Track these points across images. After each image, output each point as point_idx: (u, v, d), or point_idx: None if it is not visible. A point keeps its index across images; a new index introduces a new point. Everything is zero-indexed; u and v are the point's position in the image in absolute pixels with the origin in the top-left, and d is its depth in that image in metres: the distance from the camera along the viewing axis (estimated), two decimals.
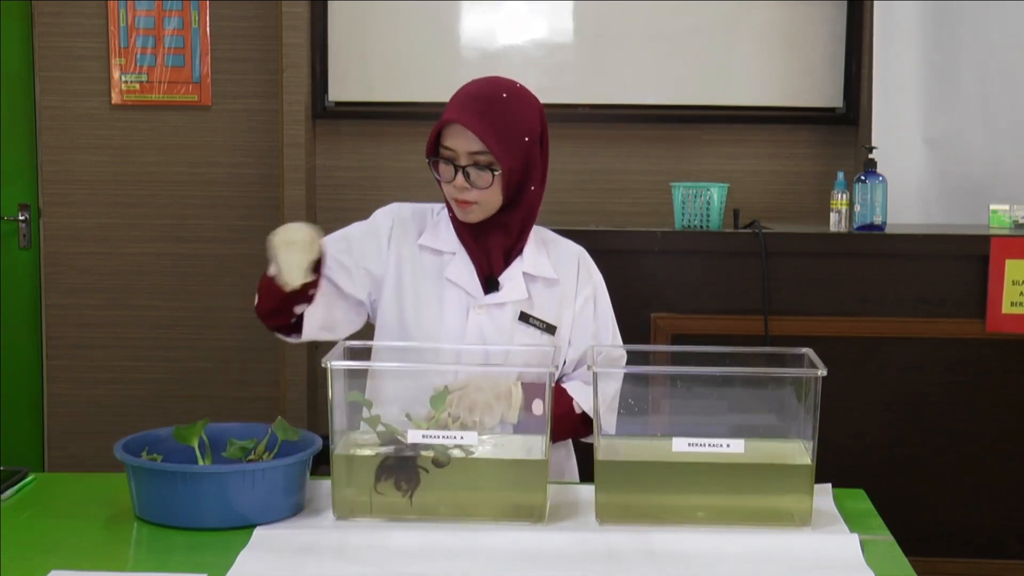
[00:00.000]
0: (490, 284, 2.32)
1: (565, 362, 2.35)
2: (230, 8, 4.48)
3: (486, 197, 2.25)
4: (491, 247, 2.31)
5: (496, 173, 2.22)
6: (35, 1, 4.49)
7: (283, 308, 2.26)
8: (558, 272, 2.36)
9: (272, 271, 2.19)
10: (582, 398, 2.28)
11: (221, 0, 4.48)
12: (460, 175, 2.23)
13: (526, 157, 2.26)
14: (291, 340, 2.37)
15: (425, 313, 2.31)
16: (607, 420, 2.28)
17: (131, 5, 4.46)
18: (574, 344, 2.35)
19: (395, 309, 2.33)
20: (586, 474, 2.09)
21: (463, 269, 2.32)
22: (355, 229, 2.39)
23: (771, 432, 2.04)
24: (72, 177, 4.54)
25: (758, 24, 4.42)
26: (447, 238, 2.35)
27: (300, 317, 2.29)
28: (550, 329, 2.32)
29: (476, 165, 2.22)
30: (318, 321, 2.30)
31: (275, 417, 2.26)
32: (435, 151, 2.28)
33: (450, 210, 2.33)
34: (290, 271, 2.15)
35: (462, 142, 2.22)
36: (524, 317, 2.31)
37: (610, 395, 2.28)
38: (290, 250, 2.16)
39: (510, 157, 2.22)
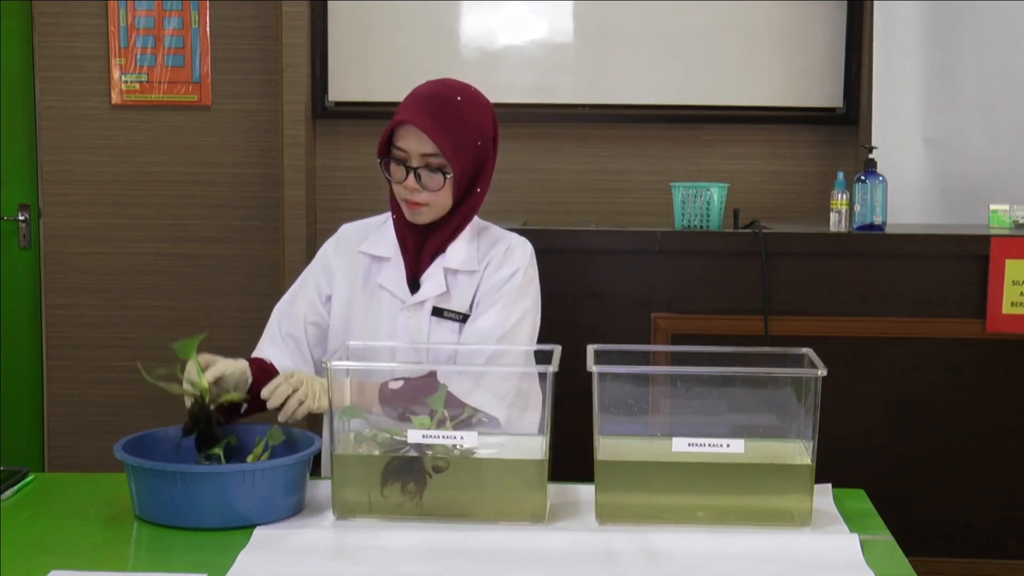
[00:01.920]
0: (414, 285, 2.32)
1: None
2: (230, 8, 4.48)
3: (436, 199, 2.26)
4: (425, 248, 2.32)
5: (448, 176, 2.22)
6: (35, 1, 4.49)
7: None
8: (483, 263, 2.35)
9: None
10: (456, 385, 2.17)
11: (221, 0, 4.48)
12: (411, 176, 2.24)
13: (477, 160, 2.27)
14: None
15: (366, 319, 2.34)
16: (482, 398, 2.20)
17: (131, 5, 4.46)
18: (470, 321, 2.32)
19: (342, 320, 2.37)
20: (584, 474, 2.09)
21: (393, 273, 2.34)
22: (309, 267, 2.45)
23: (771, 432, 2.04)
24: (72, 177, 4.54)
25: (758, 24, 4.42)
26: (384, 244, 2.36)
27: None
28: (466, 319, 2.32)
29: (428, 167, 2.23)
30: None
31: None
32: (386, 151, 2.28)
33: (396, 212, 2.34)
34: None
35: (415, 143, 2.23)
36: (436, 312, 2.31)
37: (474, 373, 2.22)
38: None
39: (462, 160, 2.23)
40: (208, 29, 4.48)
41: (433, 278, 2.32)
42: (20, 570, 1.76)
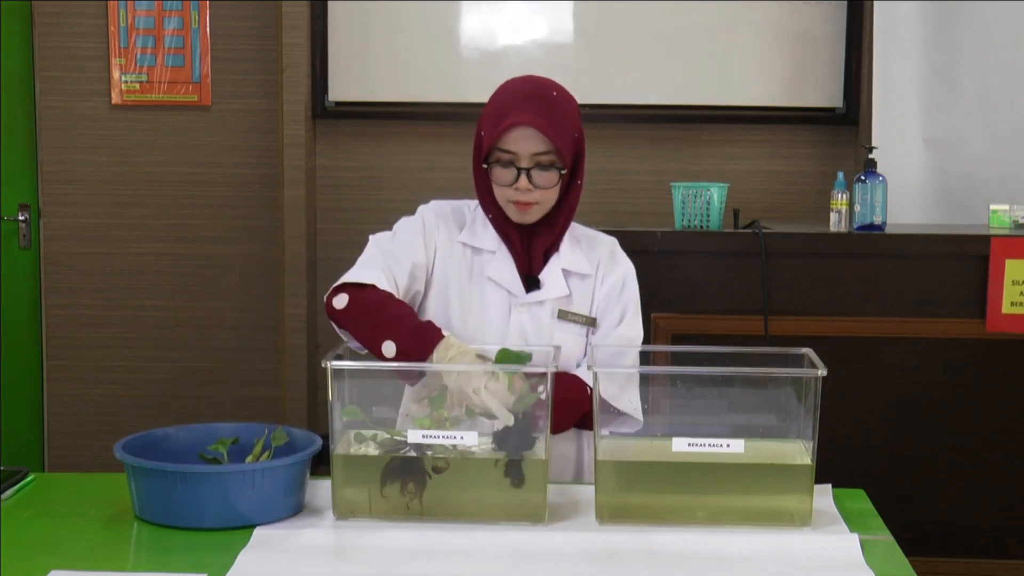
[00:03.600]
0: (531, 282, 2.31)
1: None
2: (230, 8, 4.48)
3: (546, 196, 2.25)
4: (534, 245, 2.31)
5: (562, 172, 2.23)
6: (35, 1, 4.49)
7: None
8: (592, 266, 2.36)
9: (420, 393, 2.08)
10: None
11: (221, 0, 4.48)
12: (523, 177, 2.22)
13: (577, 153, 2.28)
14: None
15: (469, 313, 2.30)
16: (628, 400, 2.20)
17: (131, 5, 4.46)
18: (600, 330, 2.34)
19: (440, 307, 2.31)
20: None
21: (504, 268, 2.31)
22: (405, 226, 2.34)
23: (771, 432, 2.04)
24: (72, 177, 4.54)
25: (758, 24, 4.42)
26: (485, 236, 2.33)
27: None
28: (590, 322, 2.32)
29: (539, 166, 2.22)
30: None
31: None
32: (484, 157, 2.26)
33: (492, 211, 2.31)
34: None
35: (525, 144, 2.21)
36: (562, 315, 2.31)
37: (621, 376, 2.20)
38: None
39: (569, 155, 2.24)
40: (208, 29, 4.48)
41: (554, 277, 2.31)
42: (20, 570, 1.76)
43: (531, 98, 2.23)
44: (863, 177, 3.61)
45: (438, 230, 2.33)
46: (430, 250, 2.32)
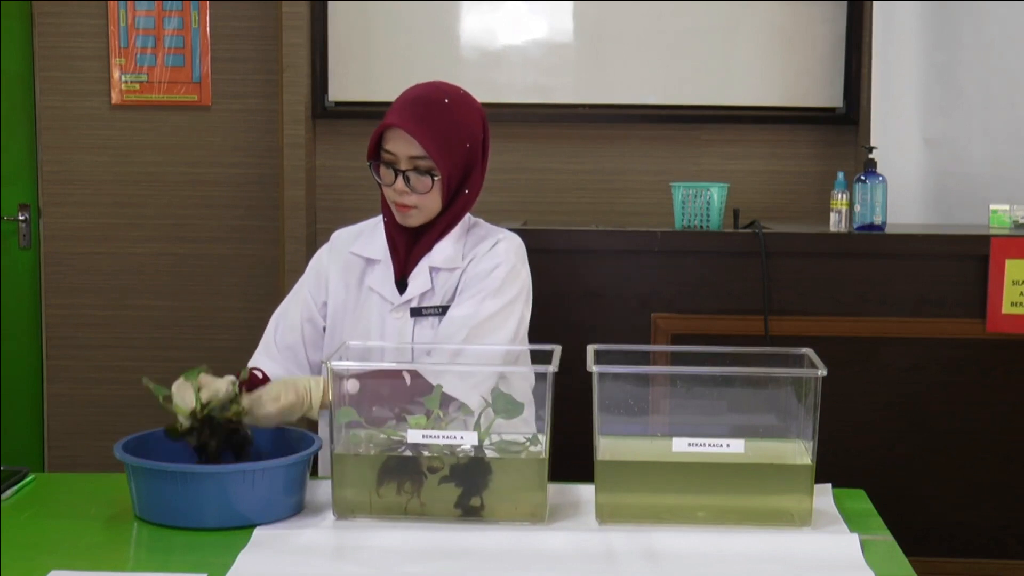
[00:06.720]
0: (401, 286, 2.33)
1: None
2: (230, 8, 4.48)
3: (425, 201, 2.27)
4: (414, 249, 2.33)
5: (436, 178, 2.23)
6: (35, 1, 4.49)
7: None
8: (467, 259, 2.35)
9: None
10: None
11: (221, 0, 4.48)
12: (400, 179, 2.24)
13: (466, 163, 2.27)
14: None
15: (352, 322, 2.35)
16: (471, 398, 2.21)
17: (131, 5, 4.46)
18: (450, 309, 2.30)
19: (336, 320, 2.39)
20: (584, 474, 2.09)
21: (382, 275, 2.35)
22: (304, 276, 2.46)
23: (771, 432, 2.04)
24: (72, 177, 4.54)
25: (758, 24, 4.42)
26: (376, 246, 2.37)
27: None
28: (445, 311, 2.32)
29: (416, 170, 2.24)
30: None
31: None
32: (376, 154, 2.29)
33: (388, 215, 2.35)
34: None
35: (402, 146, 2.24)
36: (416, 311, 2.31)
37: (477, 378, 2.16)
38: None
39: (450, 163, 2.23)
40: (208, 29, 4.48)
41: (418, 277, 2.33)
42: (20, 570, 1.76)
43: (416, 101, 2.26)
44: (863, 177, 3.61)
45: (330, 260, 2.42)
46: (320, 285, 2.41)
